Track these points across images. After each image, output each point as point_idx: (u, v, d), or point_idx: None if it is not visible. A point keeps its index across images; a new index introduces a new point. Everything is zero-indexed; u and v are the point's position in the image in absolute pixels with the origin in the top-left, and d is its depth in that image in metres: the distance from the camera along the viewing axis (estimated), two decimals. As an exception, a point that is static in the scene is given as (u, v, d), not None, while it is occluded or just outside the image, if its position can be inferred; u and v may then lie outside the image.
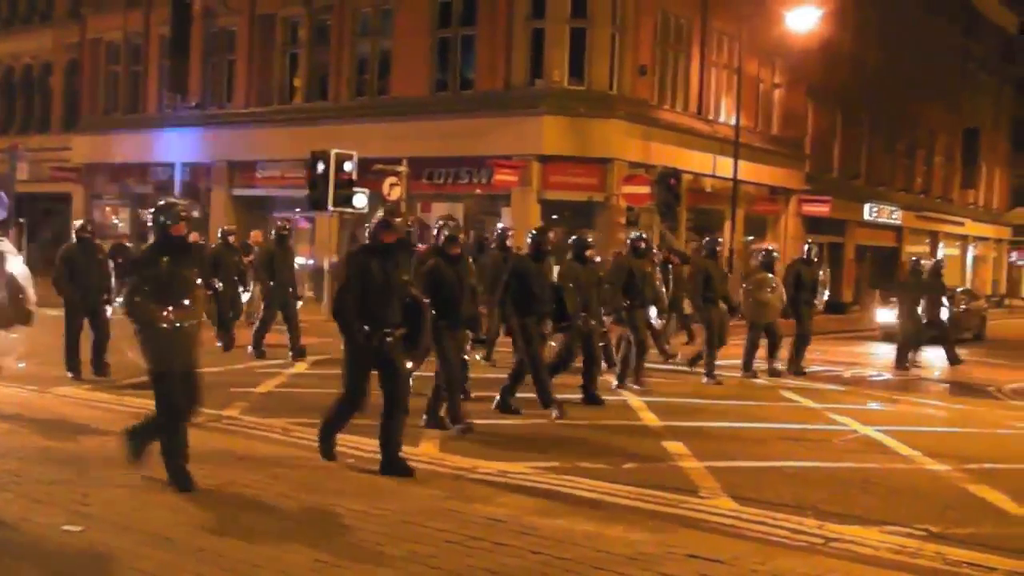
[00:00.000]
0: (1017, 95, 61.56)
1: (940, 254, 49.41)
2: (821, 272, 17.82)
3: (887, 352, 16.14)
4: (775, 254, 16.54)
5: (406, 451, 9.10)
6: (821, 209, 36.41)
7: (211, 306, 15.68)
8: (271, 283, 16.23)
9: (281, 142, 30.86)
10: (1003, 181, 60.11)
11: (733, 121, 31.07)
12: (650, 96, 29.07)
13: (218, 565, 5.78)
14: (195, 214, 8.28)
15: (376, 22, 30.90)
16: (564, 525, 6.80)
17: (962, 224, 51.85)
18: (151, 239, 7.76)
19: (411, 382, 8.66)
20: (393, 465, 8.17)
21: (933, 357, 18.77)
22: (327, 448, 8.56)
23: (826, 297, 17.38)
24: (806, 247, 17.74)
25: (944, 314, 18.30)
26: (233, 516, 6.76)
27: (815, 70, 35.80)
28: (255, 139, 31.94)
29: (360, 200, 23.33)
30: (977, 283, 48.33)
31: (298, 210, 29.28)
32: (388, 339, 8.21)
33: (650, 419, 11.58)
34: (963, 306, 28.43)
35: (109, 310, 13.53)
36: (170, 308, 7.33)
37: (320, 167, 22.93)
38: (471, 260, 11.53)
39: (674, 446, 9.92)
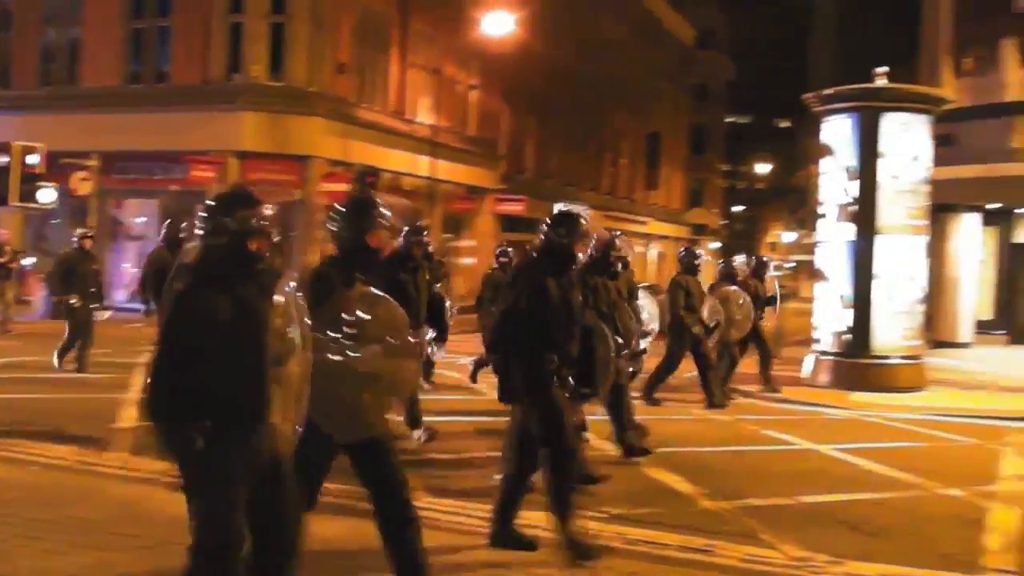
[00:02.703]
0: (694, 103, 65.88)
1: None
2: (778, 284, 16.24)
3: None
4: (735, 263, 15.30)
5: (94, 455, 8.84)
6: (516, 208, 37.68)
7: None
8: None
9: (-42, 132, 28.93)
10: (682, 183, 64.10)
11: (431, 121, 31.61)
12: (349, 94, 29.16)
13: None
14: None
15: (63, 9, 29.43)
16: (259, 524, 6.82)
17: (645, 223, 54.88)
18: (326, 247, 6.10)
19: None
20: (575, 546, 6.37)
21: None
22: (582, 550, 6.38)
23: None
24: (754, 259, 16.35)
25: None
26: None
27: (510, 73, 36.93)
28: (-72, 128, 29.76)
29: (47, 195, 22.19)
30: (659, 279, 51.21)
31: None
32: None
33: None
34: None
35: None
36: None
37: (2, 159, 21.67)
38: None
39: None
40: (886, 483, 9.46)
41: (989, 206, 25.71)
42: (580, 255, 6.73)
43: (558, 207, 7.32)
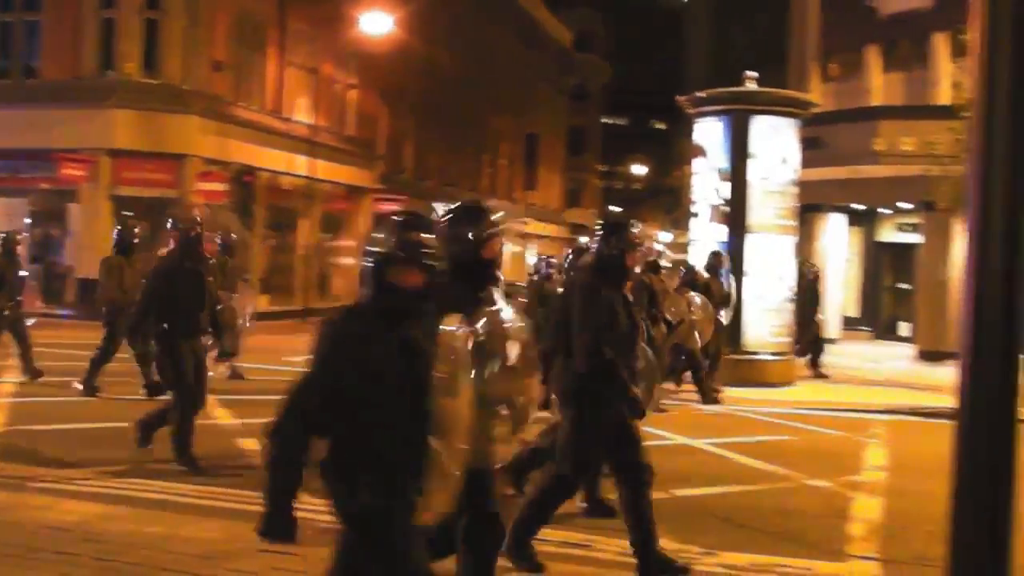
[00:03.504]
0: (572, 104, 66.52)
1: (505, 251, 52.26)
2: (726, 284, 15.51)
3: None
4: (698, 268, 15.05)
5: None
6: (394, 208, 37.55)
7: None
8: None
9: None
10: (560, 183, 64.69)
11: (309, 120, 31.35)
12: (226, 92, 28.74)
13: None
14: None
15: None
16: (131, 528, 6.73)
17: (525, 223, 55.24)
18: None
19: None
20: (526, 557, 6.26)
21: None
22: (525, 555, 6.27)
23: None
24: (712, 253, 15.73)
25: None
26: None
27: (389, 73, 36.81)
28: None
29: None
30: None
31: None
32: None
33: (224, 417, 11.56)
34: (521, 300, 30.37)
35: None
36: None
37: None
38: None
39: (249, 443, 9.98)
40: (757, 476, 9.74)
41: (854, 206, 26.54)
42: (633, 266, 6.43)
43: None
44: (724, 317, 15.08)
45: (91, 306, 14.88)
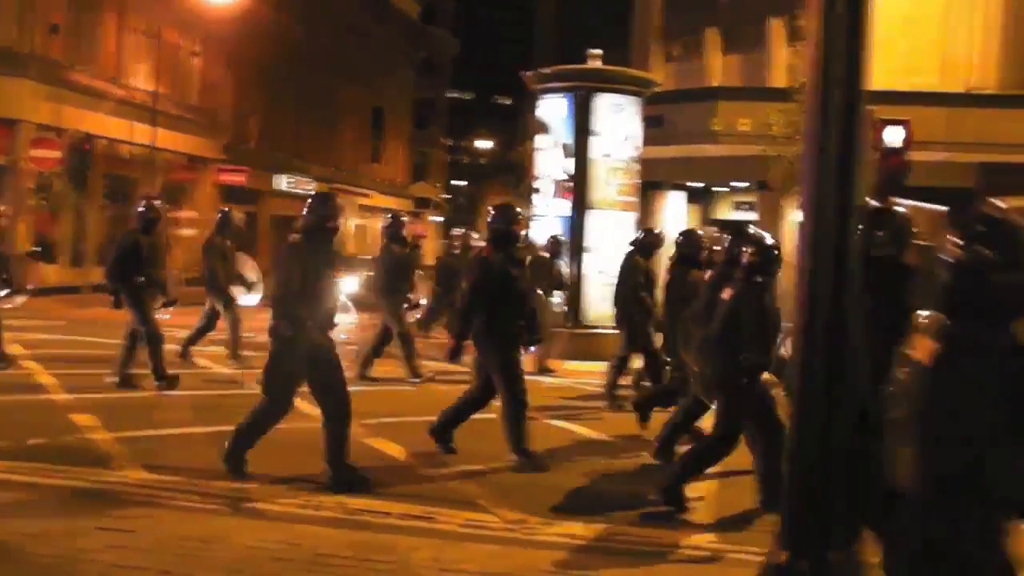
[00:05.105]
0: (418, 78, 66.22)
1: (351, 225, 51.95)
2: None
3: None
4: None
5: None
6: (237, 179, 36.95)
7: None
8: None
9: None
10: (405, 157, 64.44)
11: (150, 87, 30.53)
12: (62, 57, 27.77)
13: None
14: None
15: None
16: (-35, 509, 6.56)
17: (369, 196, 54.93)
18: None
19: None
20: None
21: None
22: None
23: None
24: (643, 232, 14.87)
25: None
26: None
27: (234, 43, 36.08)
28: None
29: None
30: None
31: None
32: None
33: (57, 393, 11.26)
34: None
35: None
36: None
37: None
38: None
39: (83, 418, 9.75)
40: (598, 448, 9.96)
41: (692, 184, 27.22)
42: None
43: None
44: (559, 300, 15.74)
45: None
